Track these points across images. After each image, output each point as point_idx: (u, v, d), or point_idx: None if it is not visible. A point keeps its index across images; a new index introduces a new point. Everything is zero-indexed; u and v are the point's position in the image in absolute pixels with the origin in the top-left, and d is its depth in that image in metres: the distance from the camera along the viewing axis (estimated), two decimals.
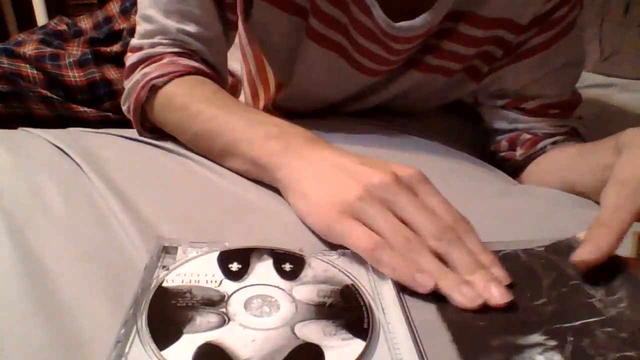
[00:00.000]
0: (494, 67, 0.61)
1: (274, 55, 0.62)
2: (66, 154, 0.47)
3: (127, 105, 0.53)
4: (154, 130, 0.52)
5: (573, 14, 0.58)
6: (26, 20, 1.72)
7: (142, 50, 0.53)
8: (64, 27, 0.83)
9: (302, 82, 0.61)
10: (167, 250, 0.32)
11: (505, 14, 0.55)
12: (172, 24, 0.52)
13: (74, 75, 0.74)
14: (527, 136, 0.63)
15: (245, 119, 0.45)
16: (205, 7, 0.52)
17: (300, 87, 0.62)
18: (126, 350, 0.24)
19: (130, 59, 0.53)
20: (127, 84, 0.53)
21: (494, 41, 0.58)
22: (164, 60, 0.51)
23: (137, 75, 0.52)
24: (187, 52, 0.53)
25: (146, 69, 0.51)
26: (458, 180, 0.50)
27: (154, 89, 0.50)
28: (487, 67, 0.61)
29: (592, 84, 0.95)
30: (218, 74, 0.55)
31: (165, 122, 0.50)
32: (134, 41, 0.55)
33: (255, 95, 0.70)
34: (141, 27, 0.54)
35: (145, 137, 0.52)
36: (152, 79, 0.50)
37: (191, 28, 0.52)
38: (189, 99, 0.48)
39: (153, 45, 0.53)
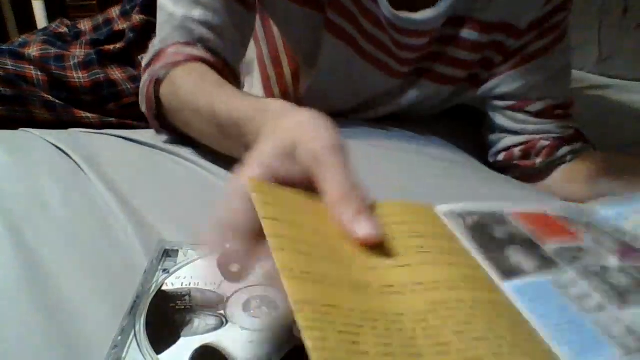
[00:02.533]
0: (493, 72, 0.63)
1: (296, 46, 0.62)
2: (66, 154, 0.47)
3: (143, 105, 0.53)
4: (174, 128, 0.52)
5: (568, 17, 0.60)
6: (26, 23, 1.73)
7: (154, 48, 0.53)
8: (64, 29, 0.83)
9: (324, 80, 0.62)
10: (168, 254, 0.33)
11: (505, 18, 0.57)
12: (179, 11, 0.51)
13: (79, 77, 0.73)
14: (544, 143, 0.64)
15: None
16: None
17: (322, 84, 0.62)
18: (123, 354, 0.24)
19: (144, 60, 0.53)
20: (140, 85, 0.53)
21: (494, 46, 0.60)
22: (170, 50, 0.51)
23: (146, 74, 0.52)
24: (191, 41, 0.52)
25: (153, 65, 0.51)
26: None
27: (158, 83, 0.49)
28: (487, 73, 0.63)
29: (590, 85, 0.95)
30: (225, 62, 0.53)
31: (173, 117, 0.50)
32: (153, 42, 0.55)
33: (266, 80, 0.69)
34: (158, 23, 0.54)
35: (162, 134, 0.52)
36: (155, 72, 0.49)
37: (197, 13, 0.51)
38: (180, 94, 0.47)
39: (162, 40, 0.52)
